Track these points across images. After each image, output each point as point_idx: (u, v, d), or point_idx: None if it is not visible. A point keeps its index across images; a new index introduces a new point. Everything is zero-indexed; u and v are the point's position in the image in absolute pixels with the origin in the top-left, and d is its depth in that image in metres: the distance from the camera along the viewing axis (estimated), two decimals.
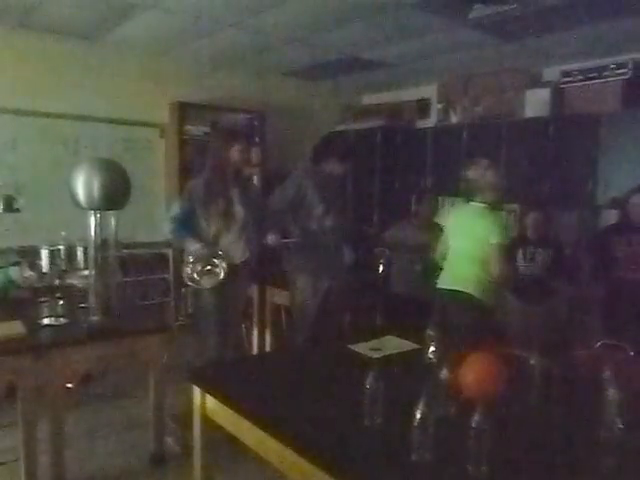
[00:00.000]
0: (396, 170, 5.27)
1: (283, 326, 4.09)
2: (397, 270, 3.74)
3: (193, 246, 2.93)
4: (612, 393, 1.46)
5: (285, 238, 3.29)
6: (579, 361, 2.09)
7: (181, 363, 3.15)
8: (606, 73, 4.04)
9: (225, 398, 1.74)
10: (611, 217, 3.68)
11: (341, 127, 5.53)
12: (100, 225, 2.56)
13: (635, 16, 3.33)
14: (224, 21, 3.73)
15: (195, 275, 2.91)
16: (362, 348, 2.25)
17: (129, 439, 2.94)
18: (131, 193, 2.63)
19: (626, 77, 3.94)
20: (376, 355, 2.16)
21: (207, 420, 1.84)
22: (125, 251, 4.29)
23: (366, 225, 5.00)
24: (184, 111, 4.67)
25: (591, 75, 4.13)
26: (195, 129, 4.74)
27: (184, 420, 2.16)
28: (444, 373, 1.66)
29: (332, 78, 5.41)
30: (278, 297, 3.90)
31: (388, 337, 2.46)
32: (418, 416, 1.31)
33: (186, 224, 2.98)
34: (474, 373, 1.60)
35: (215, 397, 1.78)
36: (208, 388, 1.83)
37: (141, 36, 4.13)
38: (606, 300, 3.36)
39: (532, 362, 1.77)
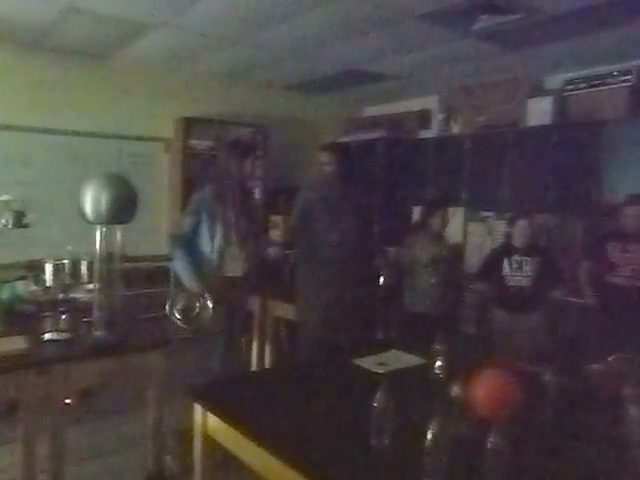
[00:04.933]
0: (398, 181, 5.26)
1: (284, 339, 4.04)
2: (409, 285, 3.60)
3: (186, 276, 2.88)
4: (635, 411, 1.40)
5: (286, 250, 3.27)
6: (593, 376, 2.03)
7: (182, 378, 3.10)
8: (610, 80, 4.02)
9: (227, 416, 1.70)
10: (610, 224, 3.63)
11: (343, 139, 5.52)
12: (106, 239, 2.55)
13: (638, 23, 3.32)
14: (229, 37, 3.76)
15: (176, 314, 2.85)
16: (367, 363, 2.21)
17: (127, 457, 2.89)
18: (138, 207, 2.63)
19: (630, 84, 3.92)
20: (382, 370, 2.12)
21: (208, 439, 1.79)
22: (128, 264, 4.28)
23: (368, 236, 4.97)
24: (189, 126, 4.71)
25: (595, 83, 4.11)
26: (199, 144, 4.77)
27: (184, 438, 2.12)
28: (455, 390, 1.61)
29: (334, 91, 5.42)
30: (279, 310, 3.86)
31: (393, 351, 2.42)
32: (430, 436, 1.25)
33: (188, 242, 2.96)
34: (487, 390, 1.54)
35: (217, 415, 1.74)
36: (209, 406, 1.79)
37: (150, 54, 4.21)
38: (602, 307, 3.32)
39: (546, 378, 1.73)
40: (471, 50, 3.93)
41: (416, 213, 4.73)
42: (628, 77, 3.92)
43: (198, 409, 1.82)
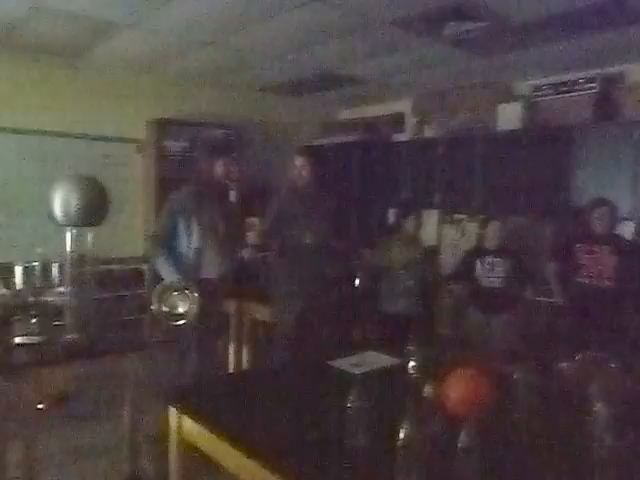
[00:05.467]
0: (372, 184, 5.31)
1: (261, 341, 4.04)
2: (385, 287, 3.63)
3: (167, 271, 2.87)
4: (600, 407, 1.45)
5: (262, 252, 3.28)
6: (562, 374, 2.09)
7: (158, 382, 3.07)
8: (575, 87, 4.16)
9: (202, 419, 1.70)
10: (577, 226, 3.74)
11: (318, 141, 5.55)
12: (77, 241, 2.52)
13: (602, 33, 3.44)
14: (203, 39, 3.74)
15: (163, 307, 2.82)
16: (343, 364, 2.23)
17: (103, 462, 2.85)
18: (109, 209, 2.60)
19: (595, 91, 4.06)
20: (357, 371, 2.14)
21: (184, 442, 1.78)
22: (102, 267, 4.22)
23: (343, 239, 5.01)
24: (162, 127, 4.68)
25: (561, 89, 4.25)
26: (173, 145, 4.74)
27: (160, 442, 2.10)
28: (427, 390, 1.64)
29: (309, 93, 5.45)
30: (256, 312, 3.86)
31: (369, 352, 2.44)
32: (402, 435, 1.27)
33: (166, 243, 2.93)
34: (458, 389, 1.57)
35: (192, 419, 1.73)
36: (184, 409, 1.78)
37: (121, 54, 4.16)
38: (571, 307, 3.43)
39: (515, 376, 1.77)
40: (442, 56, 4.01)
41: (391, 215, 4.79)
42: (593, 85, 4.06)
43: (173, 412, 1.81)
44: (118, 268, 4.51)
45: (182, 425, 1.79)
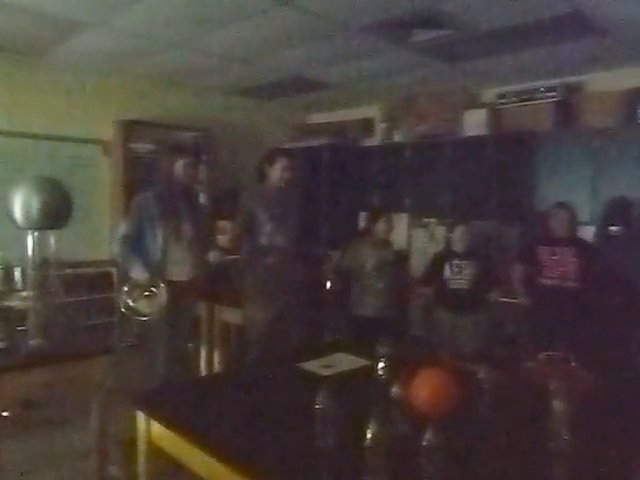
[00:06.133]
0: (342, 187, 5.36)
1: (232, 344, 4.03)
2: (356, 289, 3.64)
3: (135, 270, 2.85)
4: (558, 404, 1.50)
5: (232, 255, 3.27)
6: (526, 373, 2.16)
7: (127, 386, 3.03)
8: (538, 95, 4.30)
9: (171, 423, 1.69)
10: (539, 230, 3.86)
11: (288, 145, 5.57)
12: (39, 244, 2.46)
13: (562, 44, 3.57)
14: (170, 41, 3.71)
15: (132, 303, 2.82)
16: (313, 366, 2.25)
17: (71, 469, 2.79)
18: (72, 211, 2.56)
19: (556, 99, 4.21)
20: (327, 373, 2.16)
21: (152, 446, 1.77)
22: (68, 270, 4.14)
23: (314, 241, 5.04)
24: (129, 129, 4.61)
25: (524, 97, 4.39)
26: (140, 147, 4.68)
27: (129, 447, 2.08)
28: (395, 390, 1.67)
29: (278, 97, 5.46)
30: (227, 315, 3.84)
31: (339, 354, 2.47)
32: (370, 436, 1.29)
33: (133, 243, 2.91)
34: (424, 389, 1.61)
35: (160, 422, 1.72)
36: (153, 413, 1.77)
37: (87, 54, 4.08)
38: (535, 308, 3.54)
39: (480, 376, 1.82)
40: (410, 62, 4.09)
41: (362, 219, 4.84)
42: (554, 93, 4.21)
43: (141, 417, 1.80)
44: (86, 271, 4.43)
45: (150, 429, 1.78)
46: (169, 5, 3.09)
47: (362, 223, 4.77)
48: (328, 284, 3.98)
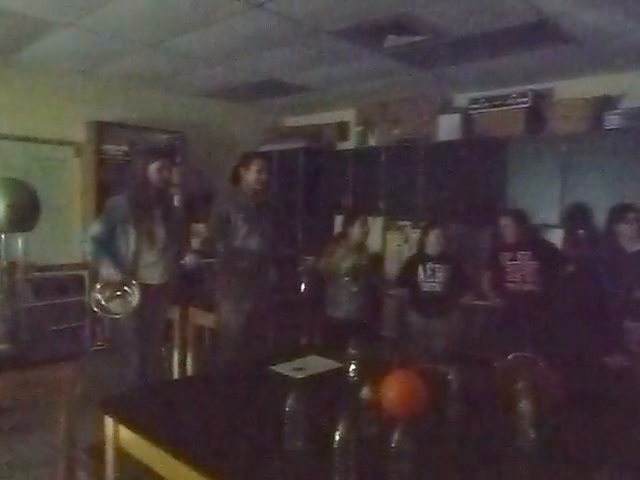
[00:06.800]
0: (318, 191, 5.38)
1: (206, 348, 4.00)
2: (330, 292, 3.64)
3: (107, 270, 2.82)
4: (525, 404, 1.53)
5: (206, 258, 3.25)
6: (495, 374, 2.19)
7: (97, 391, 2.97)
8: (509, 101, 4.39)
9: (139, 428, 1.67)
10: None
11: (263, 148, 5.57)
12: (6, 247, 2.41)
13: (531, 51, 3.65)
14: (143, 41, 3.68)
15: (104, 302, 2.79)
16: (285, 369, 2.25)
17: (38, 476, 2.74)
18: (41, 213, 2.51)
19: (526, 106, 4.30)
20: (299, 375, 2.17)
21: (121, 452, 1.75)
22: (37, 274, 4.05)
23: (289, 245, 5.05)
24: (102, 130, 4.56)
25: (496, 103, 4.47)
26: (113, 148, 4.62)
27: (99, 453, 2.05)
28: (365, 392, 1.69)
29: (254, 100, 5.46)
30: (201, 318, 3.81)
31: (311, 356, 2.48)
32: (338, 438, 1.30)
33: (105, 244, 2.87)
34: (394, 391, 1.63)
35: (129, 428, 1.70)
36: (121, 418, 1.75)
37: (57, 54, 4.02)
38: (501, 310, 3.63)
39: (450, 377, 1.85)
40: (384, 67, 4.13)
41: (338, 222, 4.86)
42: (525, 99, 4.30)
43: (109, 422, 1.77)
44: (56, 275, 4.34)
45: (119, 435, 1.75)
46: (140, 6, 3.06)
47: (338, 226, 4.79)
48: (302, 287, 3.99)
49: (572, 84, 4.29)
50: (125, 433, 1.72)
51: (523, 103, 4.31)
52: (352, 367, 2.07)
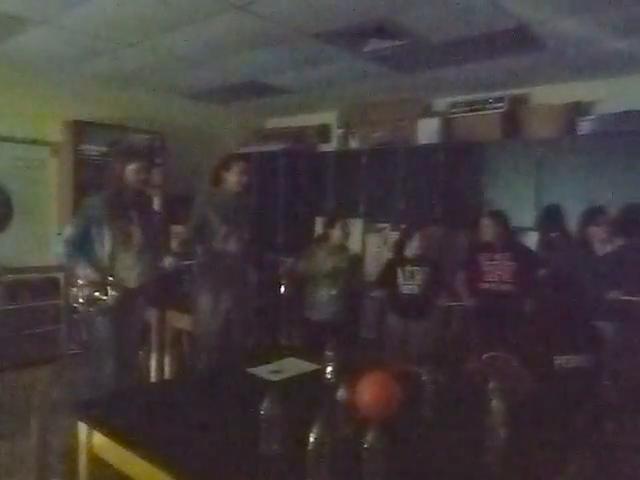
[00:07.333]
0: (299, 192, 5.39)
1: (184, 351, 3.97)
2: (310, 294, 3.65)
3: (84, 270, 2.79)
4: (496, 403, 1.56)
5: (186, 260, 3.23)
6: (468, 374, 2.22)
7: (72, 396, 2.93)
8: (487, 106, 4.46)
9: (113, 434, 1.65)
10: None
11: (244, 149, 5.56)
12: None
13: (508, 57, 3.72)
14: (123, 40, 3.64)
15: (81, 300, 2.76)
16: (262, 371, 2.26)
17: None
18: (14, 214, 2.47)
19: (503, 110, 4.37)
20: (276, 378, 2.17)
21: (95, 458, 1.73)
22: (10, 276, 3.97)
23: (269, 246, 5.04)
24: (80, 130, 4.48)
25: (474, 107, 4.54)
26: (92, 149, 4.55)
27: (72, 459, 2.02)
28: (341, 393, 1.70)
29: (236, 101, 5.44)
30: (179, 321, 3.79)
31: (289, 359, 2.48)
32: (312, 439, 1.30)
33: (80, 246, 2.83)
34: (368, 392, 1.64)
35: (103, 433, 1.69)
36: (95, 423, 1.73)
37: (32, 52, 3.95)
38: (478, 311, 3.68)
39: (424, 377, 1.87)
40: (365, 70, 4.15)
41: (318, 224, 4.86)
42: (501, 104, 4.37)
43: (82, 427, 1.75)
44: (31, 277, 4.26)
45: (92, 440, 1.73)
46: (119, 5, 3.03)
47: (318, 228, 4.80)
48: (282, 288, 3.99)
49: (547, 90, 4.37)
50: (99, 438, 1.71)
51: (500, 108, 4.38)
52: (329, 369, 2.08)
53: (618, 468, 1.60)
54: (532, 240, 4.00)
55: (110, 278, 2.80)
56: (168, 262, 3.09)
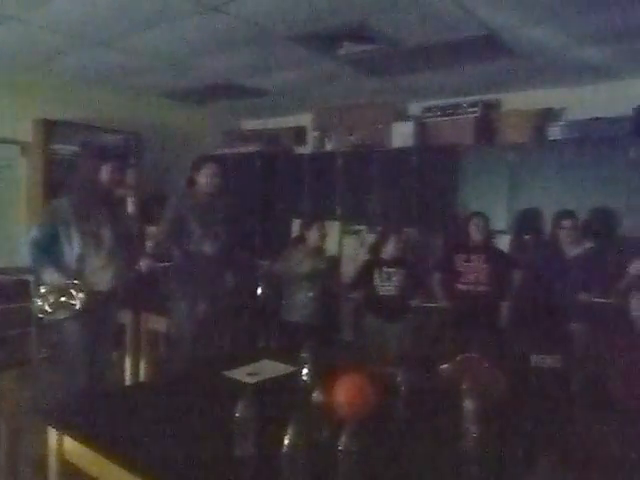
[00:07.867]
0: (275, 195, 5.38)
1: (160, 353, 3.93)
2: (287, 296, 3.65)
3: (50, 275, 2.72)
4: (468, 404, 1.59)
5: (161, 262, 3.20)
6: (442, 375, 2.25)
7: (42, 400, 2.87)
8: (460, 111, 4.54)
9: (84, 438, 1.63)
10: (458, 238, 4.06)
11: (220, 151, 5.53)
12: None
13: (480, 64, 3.79)
14: (93, 39, 3.58)
15: (47, 307, 2.69)
16: (238, 374, 2.25)
17: None
18: None
19: (476, 115, 4.46)
20: (251, 380, 2.17)
21: (66, 465, 1.70)
22: None
23: (246, 248, 5.02)
24: (50, 129, 4.40)
25: (448, 112, 4.61)
26: (63, 148, 4.47)
27: (43, 466, 1.98)
28: (316, 395, 1.70)
29: (210, 102, 5.41)
30: (154, 323, 3.75)
31: (265, 361, 2.48)
32: (287, 441, 1.31)
33: (46, 248, 2.76)
34: (342, 393, 1.66)
35: (74, 438, 1.66)
36: (66, 429, 1.70)
37: (1, 49, 3.82)
38: (453, 311, 3.74)
39: (399, 379, 1.89)
40: (340, 73, 4.18)
41: (295, 226, 4.87)
42: (475, 109, 4.46)
43: (52, 432, 1.72)
44: (0, 279, 4.16)
45: (63, 446, 1.70)
46: (90, 4, 2.97)
47: (295, 230, 4.80)
48: (259, 290, 3.98)
49: (519, 96, 4.47)
50: (70, 444, 1.68)
51: (473, 113, 4.46)
52: (305, 371, 2.09)
53: (587, 467, 1.64)
54: (504, 243, 4.09)
55: (75, 282, 2.73)
56: (143, 264, 3.05)
